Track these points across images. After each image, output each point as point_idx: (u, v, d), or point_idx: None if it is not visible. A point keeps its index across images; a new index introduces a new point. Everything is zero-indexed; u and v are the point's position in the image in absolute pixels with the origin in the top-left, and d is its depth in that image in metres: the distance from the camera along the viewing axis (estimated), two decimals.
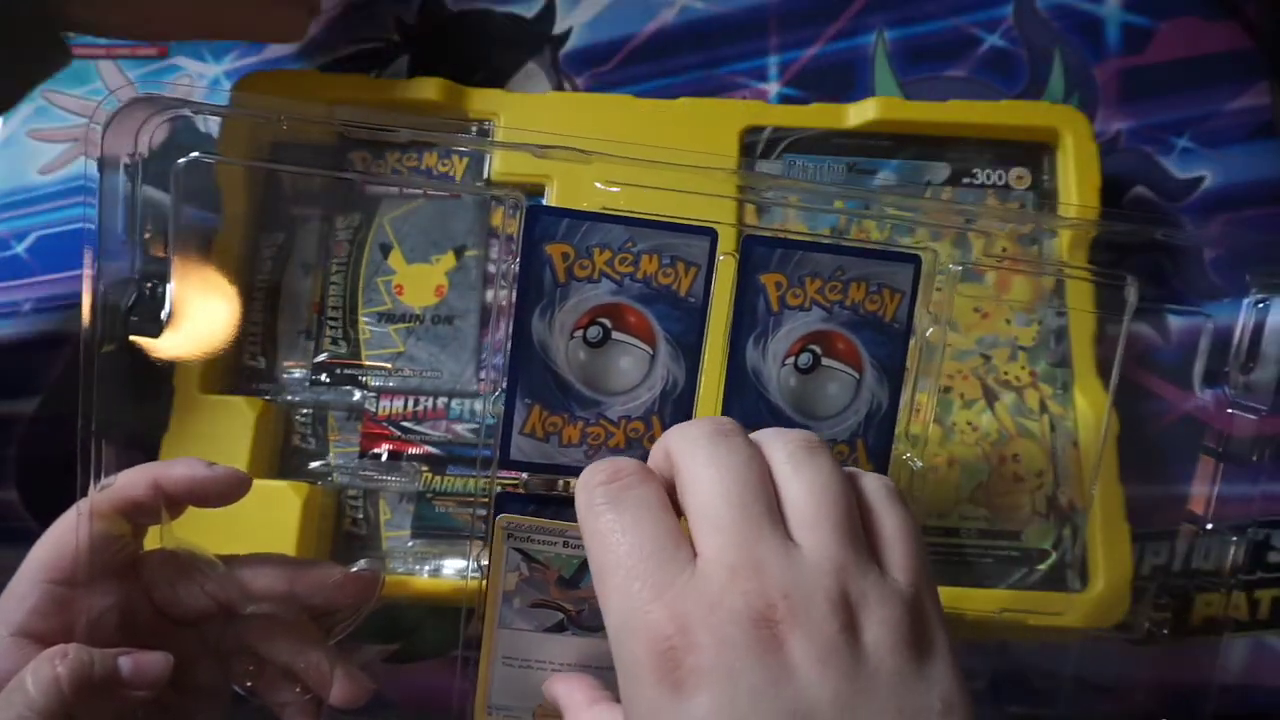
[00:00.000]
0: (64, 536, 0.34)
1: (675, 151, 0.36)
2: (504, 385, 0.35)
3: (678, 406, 0.35)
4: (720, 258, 0.35)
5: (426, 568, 0.45)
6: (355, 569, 0.38)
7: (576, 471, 0.33)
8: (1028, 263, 0.46)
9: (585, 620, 0.36)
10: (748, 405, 0.36)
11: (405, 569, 0.44)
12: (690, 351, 0.35)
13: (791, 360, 0.36)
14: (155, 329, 0.36)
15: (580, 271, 0.35)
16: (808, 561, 0.27)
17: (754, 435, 0.31)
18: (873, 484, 0.31)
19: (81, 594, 0.34)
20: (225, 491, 0.35)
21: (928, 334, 0.38)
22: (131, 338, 0.35)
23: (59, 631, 0.34)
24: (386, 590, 0.42)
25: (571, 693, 0.34)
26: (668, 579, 0.27)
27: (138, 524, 0.35)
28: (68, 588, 0.34)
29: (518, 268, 0.34)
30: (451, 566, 0.44)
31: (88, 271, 0.34)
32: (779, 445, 0.30)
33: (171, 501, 0.35)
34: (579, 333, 0.35)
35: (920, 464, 0.39)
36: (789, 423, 0.36)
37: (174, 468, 0.35)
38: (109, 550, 0.34)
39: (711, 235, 0.35)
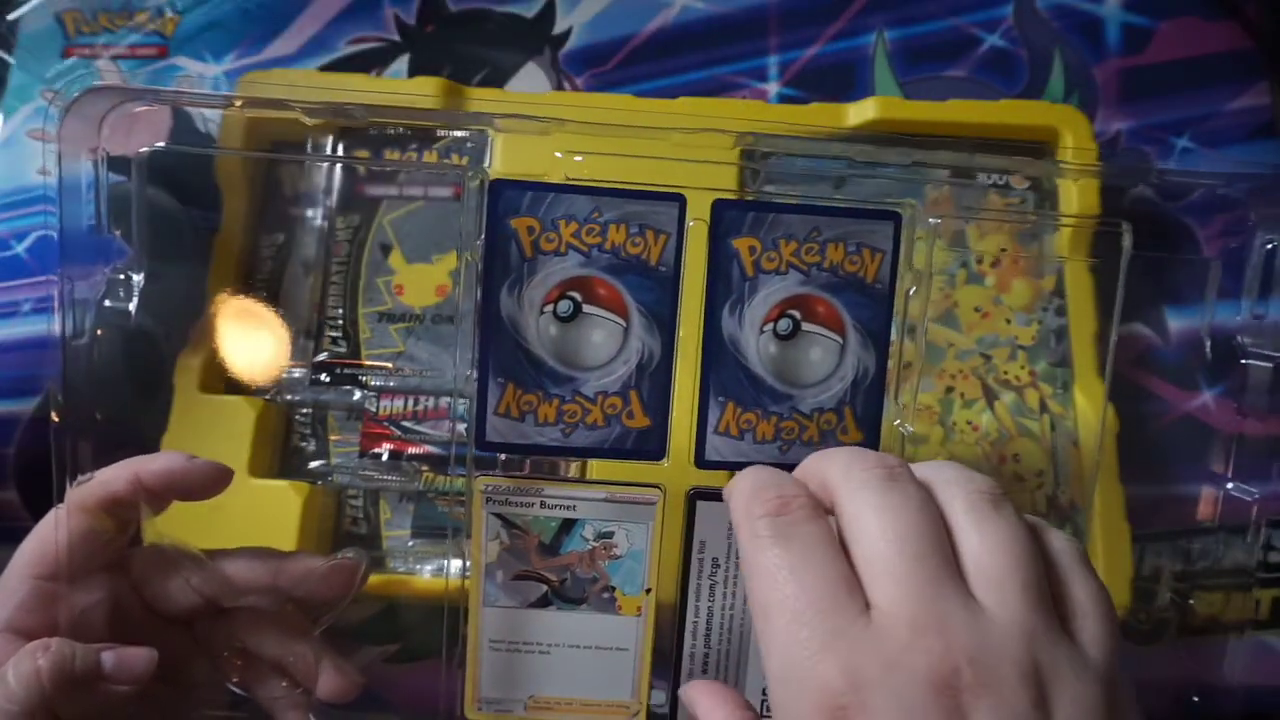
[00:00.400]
0: (50, 532, 0.34)
1: (636, 114, 0.35)
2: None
3: (655, 379, 0.35)
4: (691, 224, 0.34)
5: (427, 567, 0.44)
6: (337, 558, 0.38)
7: (553, 451, 0.32)
8: (1019, 214, 0.45)
9: (568, 591, 0.35)
10: (726, 375, 0.35)
11: (405, 569, 0.44)
12: (664, 322, 0.35)
13: (770, 327, 0.35)
14: (125, 320, 0.36)
15: (547, 245, 0.34)
16: (996, 625, 0.25)
17: (923, 475, 0.29)
18: (1060, 544, 0.28)
19: (64, 589, 0.34)
20: (206, 484, 0.35)
21: (910, 292, 0.37)
22: (99, 331, 0.35)
23: (47, 627, 0.34)
24: (387, 590, 0.42)
25: (714, 709, 0.32)
26: (840, 629, 0.25)
27: (121, 519, 0.35)
28: (55, 583, 0.34)
29: (483, 245, 0.34)
30: (452, 566, 0.44)
31: (59, 271, 0.34)
32: (958, 494, 0.28)
33: (153, 495, 0.35)
34: (549, 307, 0.34)
35: (912, 429, 0.38)
36: (770, 391, 0.35)
37: (154, 461, 0.35)
38: (92, 546, 0.34)
39: (680, 201, 0.34)
